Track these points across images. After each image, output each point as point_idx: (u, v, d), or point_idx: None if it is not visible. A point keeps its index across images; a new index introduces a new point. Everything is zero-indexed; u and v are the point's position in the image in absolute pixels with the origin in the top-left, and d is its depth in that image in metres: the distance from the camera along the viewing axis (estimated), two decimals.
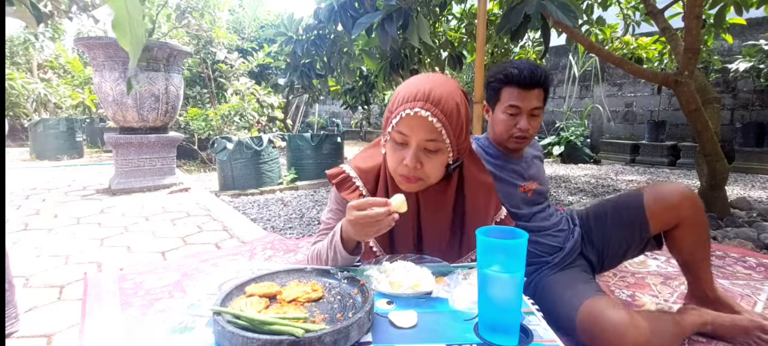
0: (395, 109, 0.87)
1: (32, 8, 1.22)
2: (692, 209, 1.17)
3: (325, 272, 0.84)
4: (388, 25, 2.26)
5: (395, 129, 0.87)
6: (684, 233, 1.20)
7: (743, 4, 2.49)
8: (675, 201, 1.18)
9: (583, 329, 1.00)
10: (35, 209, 2.97)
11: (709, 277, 1.23)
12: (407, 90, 0.87)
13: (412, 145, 0.87)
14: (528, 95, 1.20)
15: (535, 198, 1.34)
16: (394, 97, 0.90)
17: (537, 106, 1.22)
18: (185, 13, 5.56)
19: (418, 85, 0.87)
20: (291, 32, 3.06)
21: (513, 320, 0.67)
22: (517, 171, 1.33)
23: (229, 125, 5.40)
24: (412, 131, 0.86)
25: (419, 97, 0.85)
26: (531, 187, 1.33)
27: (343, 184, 1.01)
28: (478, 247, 0.68)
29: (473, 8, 3.58)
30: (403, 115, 0.85)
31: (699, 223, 1.19)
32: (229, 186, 3.81)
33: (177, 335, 0.66)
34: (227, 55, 6.35)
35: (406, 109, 0.85)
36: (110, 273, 1.73)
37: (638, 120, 6.36)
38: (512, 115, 1.23)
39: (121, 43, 0.57)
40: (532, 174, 1.34)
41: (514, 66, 1.20)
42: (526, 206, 1.32)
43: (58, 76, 8.67)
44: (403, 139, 0.88)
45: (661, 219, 1.20)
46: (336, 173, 1.02)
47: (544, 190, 1.38)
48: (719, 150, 2.43)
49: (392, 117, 0.88)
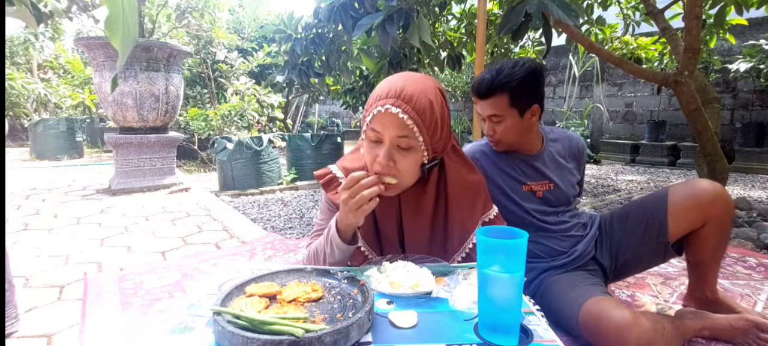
0: (369, 108, 0.88)
1: (32, 8, 1.22)
2: (724, 208, 1.13)
3: (325, 272, 0.84)
4: (389, 25, 2.26)
5: (369, 126, 0.88)
6: (710, 233, 1.15)
7: (743, 4, 2.49)
8: (708, 198, 1.13)
9: (586, 328, 0.99)
10: (35, 209, 2.97)
11: (715, 280, 1.21)
12: (380, 88, 0.88)
13: (385, 142, 0.87)
14: (483, 104, 1.23)
15: (546, 199, 1.31)
16: (370, 97, 0.90)
17: (493, 113, 1.21)
18: (185, 13, 5.57)
19: (391, 83, 0.87)
20: (290, 30, 3.06)
21: (513, 320, 0.67)
22: (527, 169, 1.31)
23: (229, 125, 5.40)
24: (384, 128, 0.86)
25: (391, 94, 0.85)
26: (542, 187, 1.31)
27: (330, 184, 1.00)
28: (478, 247, 0.68)
29: (473, 8, 3.57)
30: (375, 112, 0.86)
31: (727, 223, 1.15)
32: (229, 186, 3.81)
33: (177, 335, 0.66)
34: (227, 55, 6.36)
35: (378, 106, 0.85)
36: (110, 273, 1.73)
37: (638, 120, 6.36)
38: (483, 121, 1.28)
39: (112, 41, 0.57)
40: (549, 175, 1.31)
41: (479, 77, 1.24)
42: (531, 204, 1.29)
43: (58, 76, 8.67)
44: (377, 136, 0.88)
45: (687, 218, 1.15)
46: (323, 174, 1.02)
47: (566, 194, 1.32)
48: (719, 150, 2.43)
49: (366, 115, 0.88)
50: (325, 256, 0.95)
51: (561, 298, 1.12)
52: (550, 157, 1.33)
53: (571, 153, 1.36)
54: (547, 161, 1.32)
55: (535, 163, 1.31)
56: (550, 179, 1.31)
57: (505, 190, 1.30)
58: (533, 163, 1.31)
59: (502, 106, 1.19)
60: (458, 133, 7.69)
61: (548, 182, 1.31)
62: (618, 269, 1.28)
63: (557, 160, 1.34)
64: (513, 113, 1.20)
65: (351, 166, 1.00)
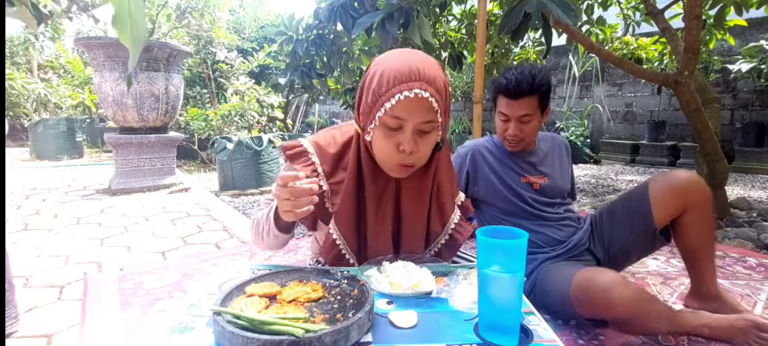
0: (387, 92, 0.78)
1: (32, 9, 1.22)
2: (700, 193, 1.19)
3: (325, 272, 0.84)
4: (389, 24, 2.26)
5: (389, 114, 0.78)
6: (692, 219, 1.21)
7: (743, 5, 2.49)
8: (682, 184, 1.20)
9: (577, 298, 1.04)
10: (35, 209, 2.97)
11: (712, 272, 1.24)
12: (396, 69, 0.78)
13: (407, 129, 0.80)
14: (515, 104, 1.29)
15: (543, 191, 1.40)
16: (376, 79, 0.79)
17: (525, 113, 1.29)
18: (185, 13, 5.57)
19: (408, 62, 0.78)
20: (291, 32, 3.06)
21: (513, 320, 0.66)
22: (524, 164, 1.42)
23: (229, 125, 5.40)
24: (411, 114, 0.78)
25: (414, 76, 0.77)
26: (539, 180, 1.40)
27: (299, 157, 0.92)
28: (478, 247, 0.68)
29: (473, 9, 3.57)
30: (401, 97, 0.76)
31: (707, 208, 1.20)
32: (229, 186, 3.81)
33: (177, 335, 0.66)
34: (227, 55, 6.36)
35: (405, 91, 0.76)
36: (110, 273, 1.73)
37: (638, 120, 6.36)
38: (503, 121, 1.35)
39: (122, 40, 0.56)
40: (543, 169, 1.42)
41: (505, 76, 1.30)
42: (530, 194, 1.39)
43: (58, 76, 8.67)
44: (399, 123, 0.80)
45: (668, 205, 1.21)
46: (293, 145, 0.94)
47: (560, 187, 1.42)
48: (719, 150, 2.43)
49: (383, 100, 0.78)
50: (262, 231, 0.93)
51: (555, 279, 1.17)
52: (542, 154, 1.45)
53: (559, 151, 1.49)
54: (540, 157, 1.44)
55: (531, 158, 1.43)
56: (544, 172, 1.42)
57: (508, 182, 1.40)
58: (529, 159, 1.43)
59: (533, 106, 1.29)
60: (458, 133, 7.69)
61: (543, 175, 1.42)
62: (611, 259, 1.34)
63: (549, 156, 1.46)
64: (538, 114, 1.32)
65: (325, 146, 0.93)
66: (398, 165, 0.84)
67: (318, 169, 0.91)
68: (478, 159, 1.46)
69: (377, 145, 0.84)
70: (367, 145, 0.87)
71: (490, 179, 1.44)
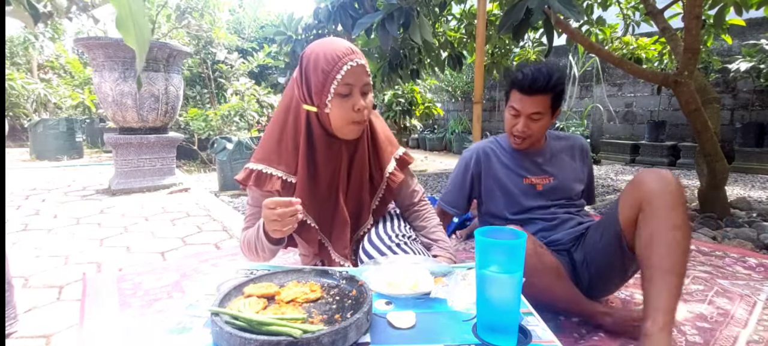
0: (333, 68, 0.97)
1: (30, 8, 1.22)
2: (658, 184, 0.98)
3: (323, 273, 0.84)
4: (389, 24, 2.25)
5: (341, 83, 0.98)
6: (643, 218, 0.99)
7: (743, 5, 2.49)
8: (640, 176, 1.04)
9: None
10: (35, 209, 2.97)
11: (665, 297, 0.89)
12: (332, 51, 0.98)
13: (355, 92, 1.00)
14: (528, 101, 1.27)
15: (546, 193, 1.37)
16: (321, 61, 0.98)
17: (536, 111, 1.27)
18: (185, 13, 5.57)
19: (337, 44, 0.99)
20: (290, 32, 3.06)
21: (511, 321, 0.66)
22: (529, 164, 1.39)
23: (229, 125, 5.40)
24: (357, 79, 0.99)
25: (349, 52, 0.99)
26: (542, 181, 1.38)
27: (260, 179, 1.07)
28: (477, 247, 0.68)
29: (473, 9, 3.57)
30: (347, 68, 0.97)
31: (664, 205, 0.95)
32: (229, 186, 3.81)
33: (175, 335, 0.65)
34: (227, 55, 6.36)
35: (349, 63, 0.97)
36: (109, 273, 1.73)
37: (638, 120, 6.36)
38: (513, 116, 1.32)
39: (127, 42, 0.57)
40: (548, 170, 1.39)
41: (522, 71, 1.27)
42: (528, 198, 1.37)
43: (58, 77, 8.67)
44: (349, 89, 1.00)
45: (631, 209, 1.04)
46: (248, 175, 1.09)
47: (566, 189, 1.38)
48: (719, 150, 2.43)
49: (333, 74, 0.97)
50: (256, 247, 1.05)
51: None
52: (551, 154, 1.41)
53: (571, 151, 1.44)
54: (547, 156, 1.40)
55: (537, 158, 1.40)
56: (549, 173, 1.39)
57: (509, 185, 1.39)
58: (535, 158, 1.40)
59: (545, 105, 1.27)
60: (458, 133, 7.68)
61: (548, 175, 1.39)
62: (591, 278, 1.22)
63: (559, 157, 1.41)
64: (549, 114, 1.30)
65: (275, 156, 1.08)
66: (353, 123, 1.02)
67: (282, 176, 1.07)
68: (483, 161, 1.44)
69: (335, 114, 1.01)
70: (320, 120, 1.05)
71: (492, 180, 1.43)
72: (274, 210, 0.90)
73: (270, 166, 1.08)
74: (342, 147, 1.09)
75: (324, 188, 1.11)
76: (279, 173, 1.07)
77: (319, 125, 1.06)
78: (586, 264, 1.24)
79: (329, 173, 1.10)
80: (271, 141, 1.10)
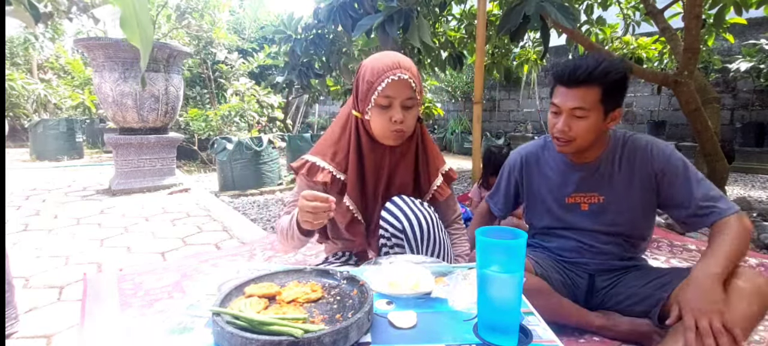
0: (377, 80, 1.04)
1: (30, 8, 1.22)
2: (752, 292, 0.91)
3: (324, 273, 0.84)
4: (388, 26, 2.26)
5: (381, 94, 1.04)
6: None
7: (743, 4, 2.49)
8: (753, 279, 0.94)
9: None
10: (35, 209, 2.97)
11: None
12: (381, 64, 1.05)
13: (396, 105, 1.06)
14: (568, 93, 1.07)
15: (592, 215, 1.18)
16: (368, 73, 1.06)
17: (578, 106, 1.06)
18: (185, 13, 5.57)
19: (389, 58, 1.06)
20: (290, 31, 3.06)
21: (512, 321, 0.66)
22: (576, 177, 1.18)
23: (229, 126, 5.40)
24: (397, 93, 1.05)
25: (396, 66, 1.04)
26: (589, 199, 1.18)
27: (312, 170, 1.15)
28: (478, 247, 0.68)
29: (473, 9, 3.57)
30: (388, 80, 1.03)
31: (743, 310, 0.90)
32: (229, 186, 3.81)
33: (176, 335, 0.65)
34: (227, 55, 6.35)
35: (390, 76, 1.03)
36: (110, 274, 1.73)
37: (638, 120, 6.36)
38: (554, 113, 1.12)
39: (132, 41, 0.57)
40: (600, 187, 1.16)
41: (565, 63, 1.09)
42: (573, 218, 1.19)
43: (58, 77, 8.67)
44: (389, 101, 1.05)
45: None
46: (301, 164, 1.17)
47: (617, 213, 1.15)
48: (719, 150, 2.43)
49: (376, 85, 1.04)
50: (287, 233, 1.10)
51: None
52: (611, 167, 1.15)
53: (643, 171, 1.13)
54: (604, 171, 1.16)
55: (589, 171, 1.17)
56: (600, 191, 1.16)
57: (545, 198, 1.24)
58: (587, 171, 1.17)
59: (592, 100, 1.05)
60: (458, 133, 7.68)
61: (598, 194, 1.17)
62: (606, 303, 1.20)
63: (620, 173, 1.15)
64: (599, 111, 1.06)
65: (326, 148, 1.16)
66: (392, 132, 1.08)
67: (331, 170, 1.14)
68: (526, 168, 1.29)
69: (374, 122, 1.08)
70: (365, 126, 1.12)
71: (534, 192, 1.28)
72: (311, 202, 0.94)
73: (324, 159, 1.15)
74: (386, 152, 1.15)
75: (371, 188, 1.17)
76: (330, 168, 1.14)
77: (364, 130, 1.14)
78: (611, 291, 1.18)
79: (374, 175, 1.16)
80: (330, 139, 1.18)
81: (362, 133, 1.14)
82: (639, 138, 1.15)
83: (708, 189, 1.06)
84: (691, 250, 2.00)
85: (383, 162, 1.16)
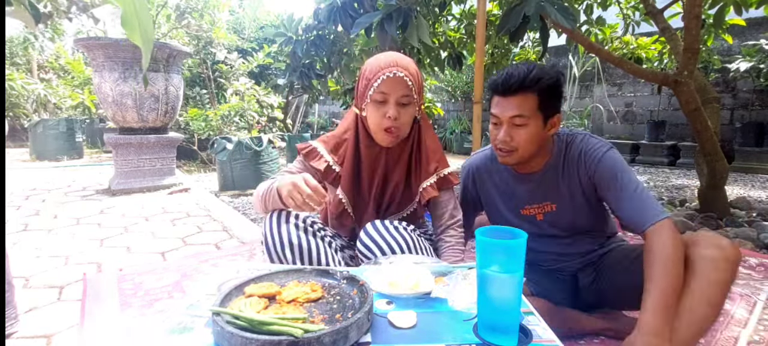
0: (373, 76, 1.08)
1: (30, 8, 1.22)
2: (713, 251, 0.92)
3: (324, 273, 0.84)
4: (387, 24, 2.26)
5: (377, 90, 1.08)
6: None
7: (743, 4, 2.49)
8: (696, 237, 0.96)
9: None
10: (35, 209, 2.97)
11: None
12: (379, 62, 1.10)
13: (390, 101, 1.09)
14: (505, 102, 1.05)
15: (548, 223, 1.17)
16: (367, 70, 1.11)
17: (517, 114, 1.03)
18: (185, 13, 5.56)
19: (388, 57, 1.10)
20: (291, 32, 3.06)
21: (512, 320, 0.66)
22: (524, 189, 1.17)
23: (229, 126, 5.40)
24: (392, 89, 1.08)
25: (392, 64, 1.08)
26: (541, 209, 1.17)
27: (311, 154, 1.21)
28: (478, 247, 0.68)
29: (473, 9, 3.57)
30: (384, 77, 1.07)
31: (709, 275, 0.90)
32: (229, 186, 3.81)
33: (176, 335, 0.66)
34: (227, 55, 6.35)
35: (386, 73, 1.07)
36: (110, 274, 1.73)
37: (638, 120, 6.36)
38: (494, 125, 1.10)
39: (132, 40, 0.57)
40: (550, 194, 1.15)
41: (498, 73, 1.08)
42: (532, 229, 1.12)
43: (58, 77, 8.67)
44: (384, 97, 1.09)
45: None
46: (306, 146, 1.24)
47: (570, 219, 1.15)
48: (719, 150, 2.43)
49: (372, 82, 1.08)
50: (264, 198, 1.12)
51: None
52: (555, 174, 1.14)
53: (581, 175, 1.11)
54: (549, 180, 1.14)
55: (537, 180, 1.15)
56: (551, 199, 1.15)
57: (503, 212, 1.22)
58: (535, 180, 1.16)
59: (530, 107, 1.03)
60: (458, 133, 7.68)
61: (550, 203, 1.16)
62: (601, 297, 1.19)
63: (563, 179, 1.13)
64: (538, 119, 1.05)
65: (330, 139, 1.22)
66: (386, 130, 1.10)
67: (327, 159, 1.19)
68: (483, 178, 1.26)
69: (370, 117, 1.12)
70: (364, 123, 1.16)
71: (491, 207, 1.26)
72: (306, 189, 0.97)
73: (325, 148, 1.20)
74: (382, 152, 1.18)
75: (365, 185, 1.21)
76: (328, 158, 1.19)
77: (363, 128, 1.18)
78: (596, 285, 1.17)
79: (369, 174, 1.20)
80: (336, 132, 1.23)
81: (361, 130, 1.18)
82: (576, 142, 1.13)
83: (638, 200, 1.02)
84: None
85: (378, 161, 1.19)
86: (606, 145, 1.10)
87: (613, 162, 1.06)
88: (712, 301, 0.89)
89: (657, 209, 1.00)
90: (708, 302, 0.89)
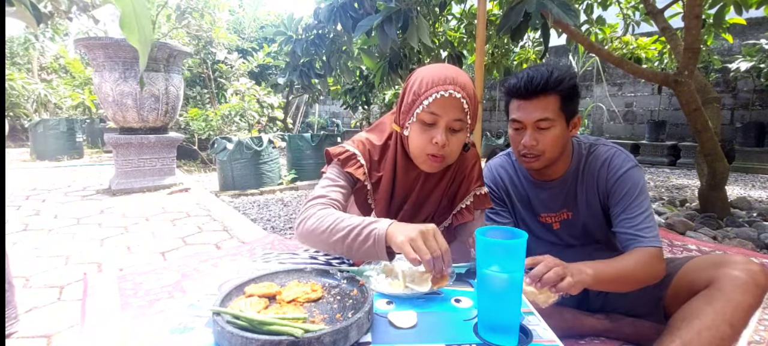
0: (424, 93, 0.91)
1: (32, 9, 1.22)
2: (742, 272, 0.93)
3: (324, 272, 0.84)
4: (387, 26, 2.26)
5: (426, 110, 0.91)
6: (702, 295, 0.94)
7: (743, 4, 2.49)
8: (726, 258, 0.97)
9: None
10: (35, 209, 2.97)
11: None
12: (433, 75, 0.92)
13: (440, 124, 0.92)
14: (529, 106, 1.03)
15: (564, 231, 1.16)
16: (416, 83, 0.93)
17: (542, 117, 1.02)
18: (185, 13, 5.56)
19: (444, 72, 0.92)
20: (291, 32, 3.06)
21: (512, 320, 0.66)
22: (543, 196, 1.16)
23: (229, 125, 5.40)
24: (444, 111, 0.91)
25: (449, 81, 0.90)
26: (558, 217, 1.15)
27: (349, 160, 1.03)
28: (478, 247, 0.68)
29: (473, 8, 3.57)
30: (436, 96, 0.90)
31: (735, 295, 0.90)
32: (229, 186, 3.81)
33: (176, 335, 0.66)
34: (227, 55, 6.35)
35: (440, 91, 0.89)
36: (110, 274, 1.73)
37: (638, 120, 6.36)
38: (516, 130, 1.08)
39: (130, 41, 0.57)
40: (568, 201, 1.14)
41: (515, 75, 1.06)
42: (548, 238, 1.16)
43: (59, 77, 8.68)
44: (433, 119, 0.92)
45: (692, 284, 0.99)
46: (341, 151, 1.03)
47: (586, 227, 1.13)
48: (719, 150, 2.43)
49: (422, 99, 0.91)
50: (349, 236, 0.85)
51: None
52: (574, 182, 1.12)
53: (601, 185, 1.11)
54: (569, 188, 1.12)
55: (554, 189, 1.13)
56: (568, 207, 1.13)
57: (524, 218, 1.22)
58: (554, 187, 1.13)
59: (553, 109, 1.02)
60: None
61: (567, 211, 1.14)
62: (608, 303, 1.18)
63: (583, 187, 1.12)
64: (562, 120, 1.03)
65: (369, 148, 1.05)
66: (429, 156, 0.94)
67: (365, 170, 1.02)
68: (505, 181, 1.24)
69: (413, 139, 0.96)
70: (404, 144, 1.00)
71: (514, 206, 1.24)
72: (432, 243, 0.77)
73: (363, 157, 1.03)
74: (420, 177, 1.03)
75: (394, 209, 1.07)
76: (365, 166, 1.02)
77: (402, 148, 1.02)
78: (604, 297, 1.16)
79: (401, 198, 1.06)
80: (373, 141, 1.05)
81: (399, 149, 1.02)
82: (601, 152, 1.11)
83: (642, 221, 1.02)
84: (691, 250, 2.00)
85: (413, 187, 1.05)
86: (634, 162, 1.08)
87: (637, 180, 1.06)
88: (734, 323, 0.87)
89: (656, 235, 1.00)
90: (730, 323, 0.87)
